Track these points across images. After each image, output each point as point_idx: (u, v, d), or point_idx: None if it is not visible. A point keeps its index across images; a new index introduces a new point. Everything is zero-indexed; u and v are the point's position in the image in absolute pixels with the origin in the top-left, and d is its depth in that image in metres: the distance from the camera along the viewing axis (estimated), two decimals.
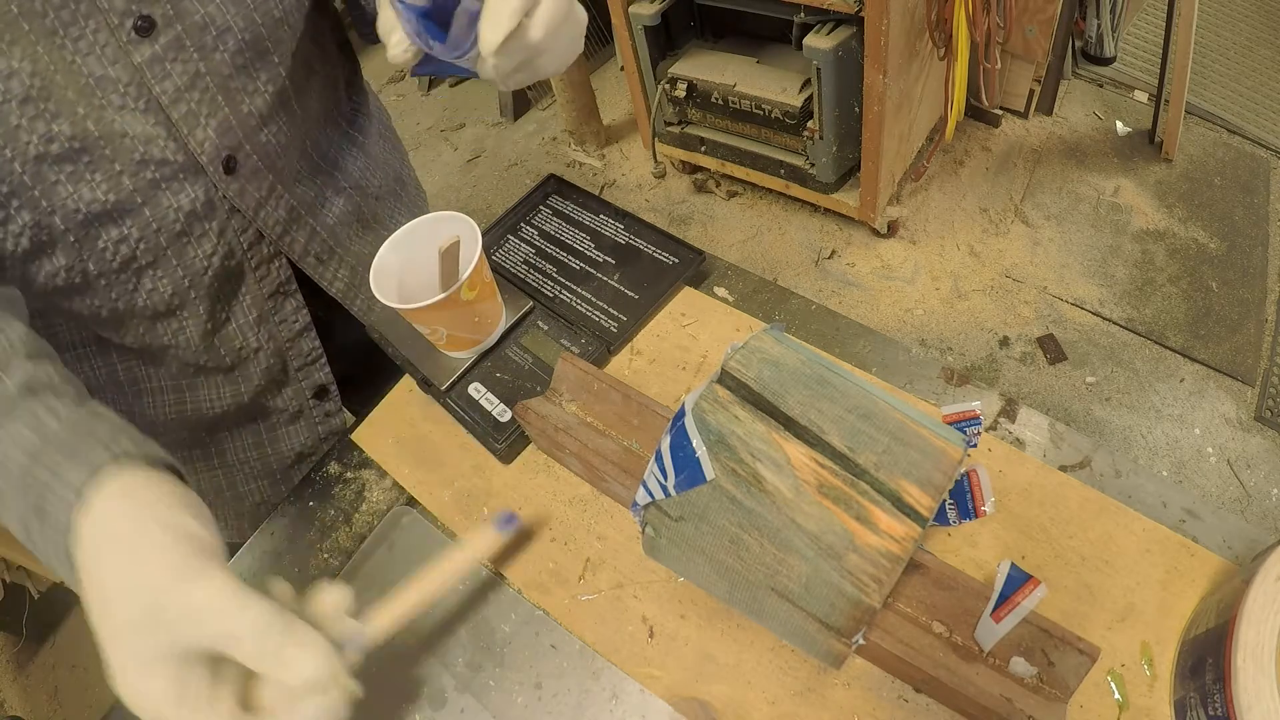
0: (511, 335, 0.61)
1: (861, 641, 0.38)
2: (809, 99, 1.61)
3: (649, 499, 0.40)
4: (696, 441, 0.38)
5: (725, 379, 0.40)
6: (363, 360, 0.73)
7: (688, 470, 0.38)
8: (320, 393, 0.70)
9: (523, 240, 0.69)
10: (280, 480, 0.73)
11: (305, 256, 0.64)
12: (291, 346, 0.66)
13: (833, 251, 1.91)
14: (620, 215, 0.69)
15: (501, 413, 0.57)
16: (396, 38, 0.45)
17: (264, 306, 0.63)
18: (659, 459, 0.40)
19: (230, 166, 0.54)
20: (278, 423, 0.70)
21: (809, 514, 0.36)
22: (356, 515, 0.58)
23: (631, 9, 1.70)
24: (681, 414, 0.40)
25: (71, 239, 0.50)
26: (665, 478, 0.39)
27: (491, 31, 0.40)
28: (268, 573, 0.57)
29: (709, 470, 0.38)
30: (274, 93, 0.55)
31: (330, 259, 0.66)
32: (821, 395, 0.39)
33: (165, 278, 0.56)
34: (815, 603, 0.37)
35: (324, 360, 0.69)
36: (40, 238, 0.49)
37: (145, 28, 0.47)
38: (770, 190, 1.96)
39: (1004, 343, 1.69)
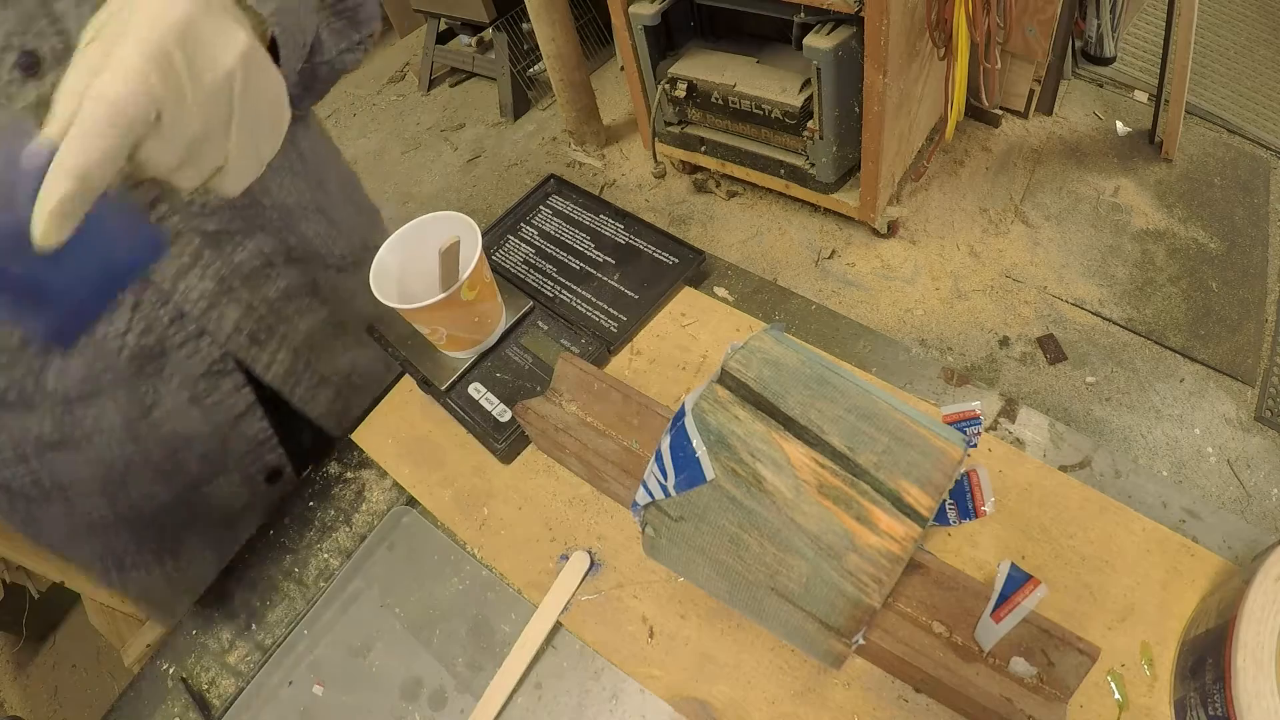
0: (511, 335, 0.61)
1: (861, 641, 0.38)
2: (809, 99, 1.61)
3: (649, 499, 0.40)
4: (696, 441, 0.38)
5: (725, 379, 0.40)
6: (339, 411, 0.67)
7: (688, 470, 0.38)
8: (273, 475, 0.64)
9: (523, 240, 0.69)
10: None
11: (235, 335, 0.56)
12: (232, 431, 0.59)
13: (833, 251, 1.91)
14: (620, 215, 0.69)
15: (501, 413, 0.57)
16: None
17: (196, 388, 0.55)
18: (659, 459, 0.40)
19: None
20: (227, 515, 0.64)
21: (809, 514, 0.36)
22: (356, 515, 0.58)
23: (631, 9, 1.70)
24: (681, 414, 0.40)
25: None
26: (665, 478, 0.39)
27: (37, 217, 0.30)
28: (267, 573, 0.57)
29: (709, 470, 0.38)
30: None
31: (269, 339, 0.58)
32: (821, 395, 0.39)
33: (74, 357, 0.49)
34: (815, 603, 0.37)
35: (274, 441, 0.62)
36: None
37: (30, 65, 0.39)
38: (770, 190, 1.96)
39: (1004, 343, 1.69)
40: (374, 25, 0.57)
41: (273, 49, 0.41)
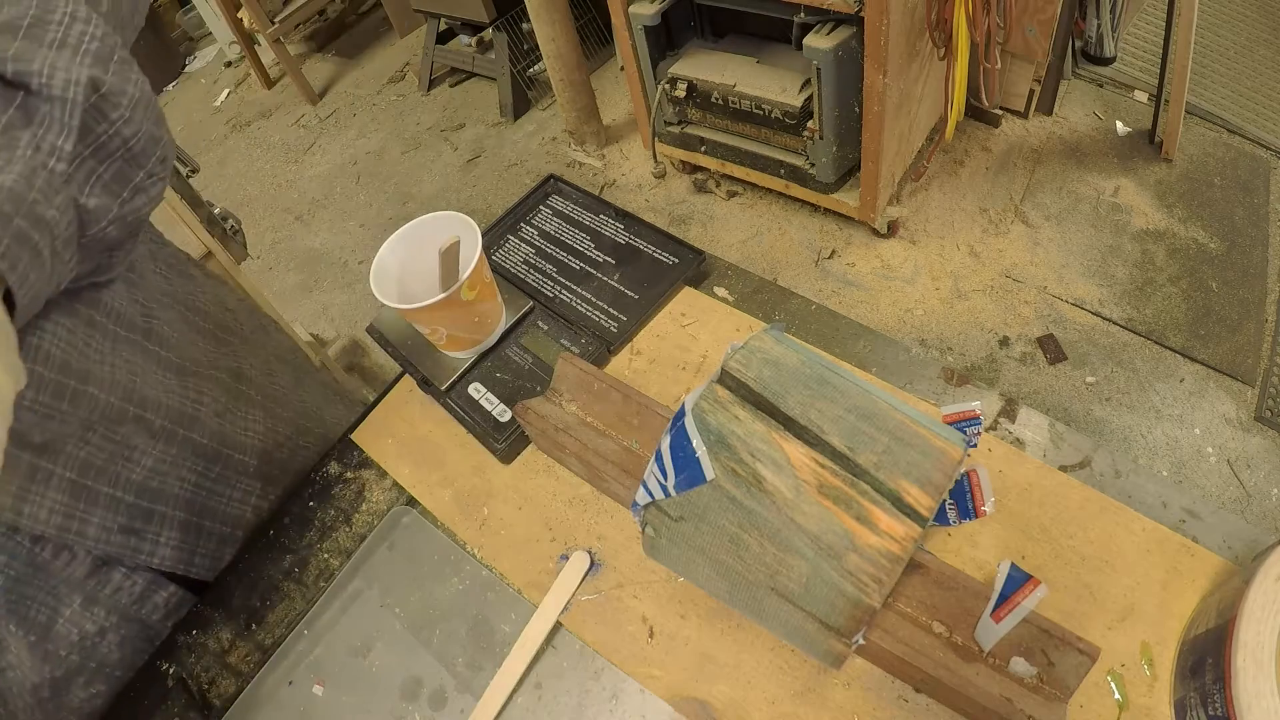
0: (511, 335, 0.61)
1: (861, 641, 0.38)
2: (809, 99, 1.61)
3: (649, 499, 0.40)
4: (696, 441, 0.38)
5: (725, 379, 0.40)
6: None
7: (688, 470, 0.38)
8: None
9: (523, 240, 0.69)
10: None
11: (105, 537, 0.50)
12: (141, 607, 0.54)
13: (833, 251, 1.91)
14: (620, 215, 0.69)
15: (501, 413, 0.57)
16: None
17: (85, 588, 0.51)
18: (659, 459, 0.40)
19: None
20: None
21: (809, 514, 0.36)
22: (356, 515, 0.58)
23: (631, 9, 1.70)
24: (681, 414, 0.40)
25: None
26: (665, 478, 0.39)
27: None
28: (267, 573, 0.57)
29: (709, 470, 0.38)
30: None
31: (149, 522, 0.52)
32: (821, 395, 0.39)
33: None
34: (815, 603, 0.37)
35: (190, 598, 0.57)
36: None
37: None
38: (770, 190, 1.96)
39: (1004, 343, 1.69)
40: (160, 149, 0.44)
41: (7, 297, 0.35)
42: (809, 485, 0.36)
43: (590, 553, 0.52)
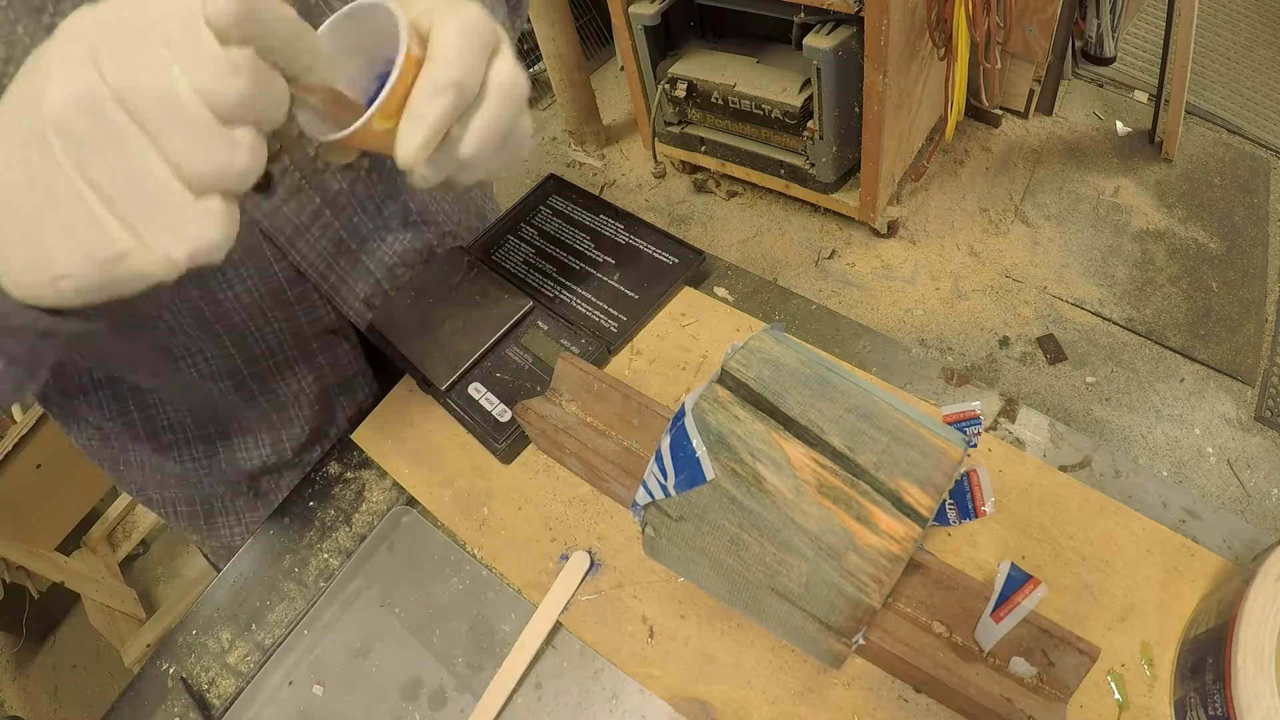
0: (511, 335, 0.61)
1: (861, 642, 0.38)
2: (809, 99, 1.61)
3: (649, 499, 0.40)
4: (696, 441, 0.38)
5: (725, 379, 0.40)
6: None
7: (688, 470, 0.38)
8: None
9: (523, 240, 0.69)
10: None
11: (352, 301, 0.56)
12: (342, 392, 0.59)
13: (833, 251, 1.91)
14: (620, 215, 0.69)
15: (501, 413, 0.57)
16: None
17: (308, 348, 0.55)
18: (659, 459, 0.40)
19: (262, 184, 0.42)
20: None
21: (809, 514, 0.36)
22: (356, 515, 0.58)
23: (631, 9, 1.70)
24: (681, 414, 0.40)
25: None
26: (665, 478, 0.39)
27: (409, 141, 0.32)
28: (267, 573, 0.57)
29: (709, 470, 0.38)
30: None
31: (385, 304, 0.58)
32: (821, 395, 0.39)
33: (183, 309, 0.48)
34: (815, 603, 0.37)
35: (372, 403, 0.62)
36: None
37: None
38: (770, 190, 1.96)
39: (1004, 343, 1.69)
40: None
41: None
42: (809, 485, 0.36)
43: (590, 553, 0.52)
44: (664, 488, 0.39)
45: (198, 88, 0.24)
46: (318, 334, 0.55)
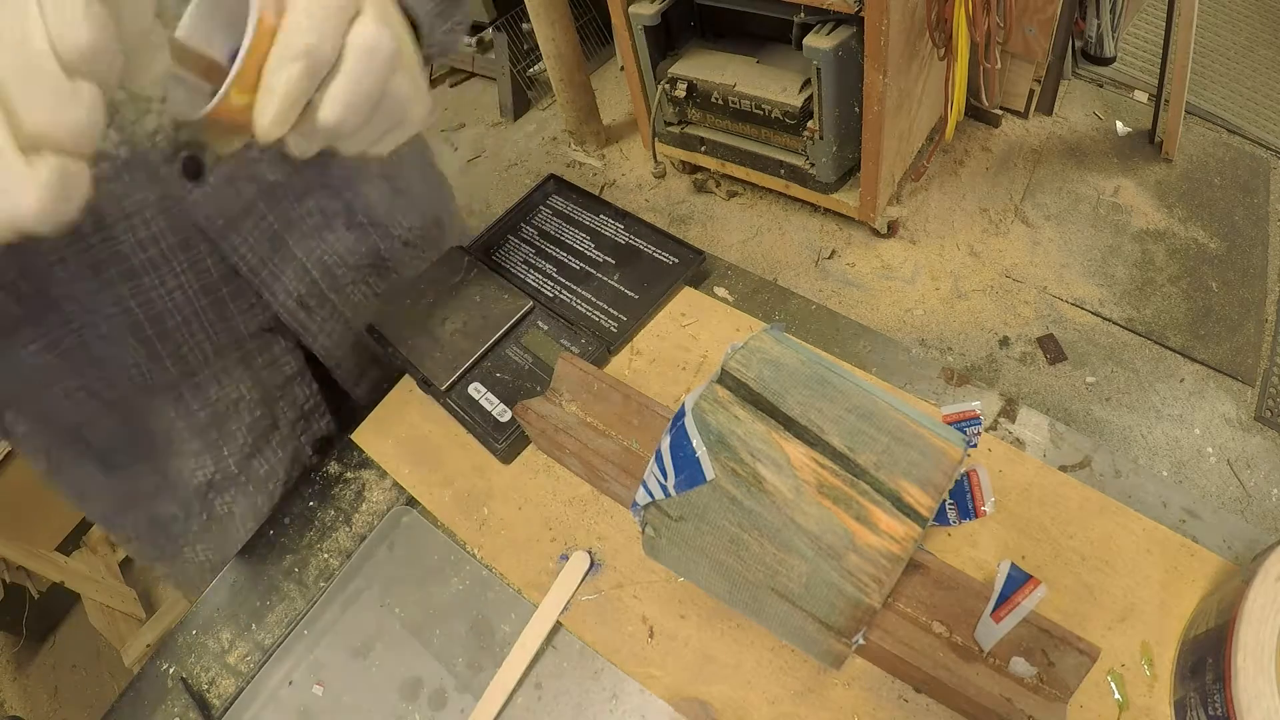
0: (511, 335, 0.61)
1: (862, 642, 0.38)
2: (809, 99, 1.61)
3: (649, 499, 0.40)
4: (696, 441, 0.38)
5: (725, 379, 0.40)
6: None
7: (688, 470, 0.38)
8: (322, 446, 0.62)
9: (523, 240, 0.69)
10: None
11: (285, 299, 0.53)
12: (282, 395, 0.57)
13: (833, 251, 1.91)
14: (620, 215, 0.69)
15: (501, 413, 0.57)
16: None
17: (244, 348, 0.53)
18: (659, 459, 0.40)
19: (193, 169, 0.44)
20: (275, 490, 0.62)
21: (809, 514, 0.36)
22: (356, 515, 0.58)
23: (631, 9, 1.70)
24: (681, 414, 0.40)
25: None
26: (665, 478, 0.39)
27: (263, 114, 0.30)
28: (267, 573, 0.57)
29: (709, 470, 0.38)
30: None
31: (321, 307, 0.56)
32: (821, 395, 0.39)
33: (112, 308, 0.45)
34: (815, 603, 0.37)
35: (323, 410, 0.60)
36: None
37: None
38: (770, 190, 1.96)
39: (1004, 343, 1.69)
40: (468, 6, 0.54)
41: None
42: (809, 485, 0.36)
43: (590, 553, 0.52)
44: (664, 488, 0.39)
45: (50, 33, 0.23)
46: (253, 333, 0.53)
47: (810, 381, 0.39)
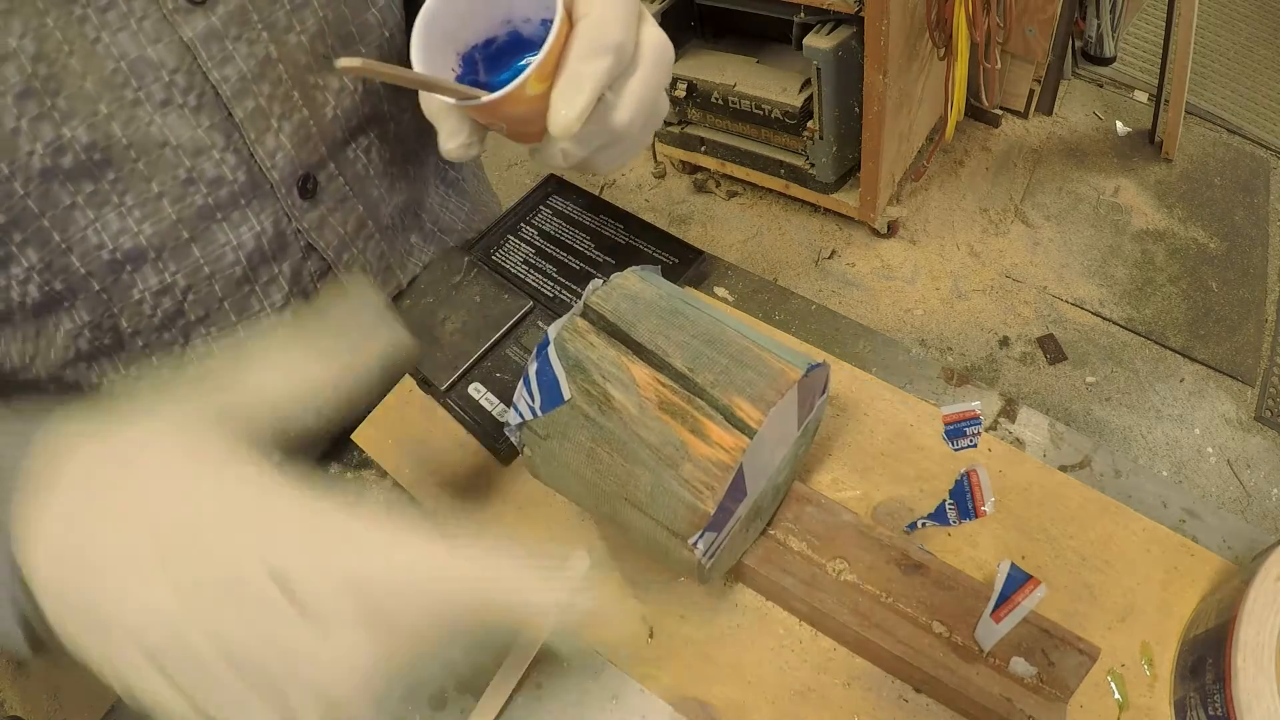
0: (511, 335, 0.61)
1: (701, 547, 0.39)
2: (809, 99, 1.61)
3: (519, 419, 0.43)
4: (557, 366, 0.41)
5: (588, 312, 0.43)
6: None
7: (550, 392, 0.42)
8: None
9: (523, 240, 0.69)
10: None
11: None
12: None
13: (833, 251, 1.91)
14: (620, 215, 0.69)
15: (501, 413, 0.57)
16: (449, 126, 0.32)
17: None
18: (526, 382, 0.43)
19: (308, 189, 0.42)
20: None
21: (651, 428, 0.39)
22: None
23: None
24: (545, 343, 0.43)
25: (96, 286, 0.38)
26: (533, 399, 0.42)
27: (568, 104, 0.30)
28: None
29: (566, 391, 0.41)
30: (363, 94, 0.42)
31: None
32: (671, 324, 0.42)
33: (221, 337, 0.44)
34: (660, 510, 0.39)
35: None
36: (53, 285, 0.36)
37: None
38: (770, 190, 1.96)
39: (1004, 343, 1.69)
40: None
41: None
42: (651, 402, 0.39)
43: (590, 553, 0.52)
44: (532, 409, 0.42)
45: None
46: None
47: (663, 313, 0.42)
